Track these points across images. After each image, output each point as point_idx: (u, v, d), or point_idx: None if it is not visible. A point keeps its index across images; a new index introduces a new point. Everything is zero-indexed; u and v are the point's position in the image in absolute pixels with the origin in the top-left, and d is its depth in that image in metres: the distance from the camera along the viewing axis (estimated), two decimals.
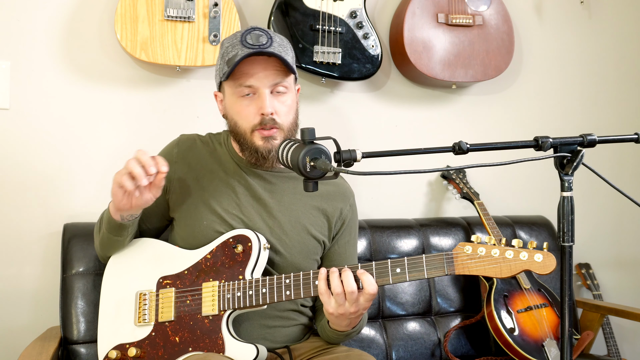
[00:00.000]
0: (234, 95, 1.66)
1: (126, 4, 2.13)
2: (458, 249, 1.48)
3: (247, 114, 1.64)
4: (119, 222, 1.65)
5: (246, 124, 1.65)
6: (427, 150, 1.33)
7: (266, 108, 1.62)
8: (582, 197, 2.49)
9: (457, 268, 1.47)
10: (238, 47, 1.62)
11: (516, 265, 1.43)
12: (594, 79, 2.86)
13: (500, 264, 1.44)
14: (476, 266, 1.46)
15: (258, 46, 1.61)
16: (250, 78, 1.62)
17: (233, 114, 1.68)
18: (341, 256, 1.81)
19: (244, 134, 1.67)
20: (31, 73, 2.18)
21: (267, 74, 1.63)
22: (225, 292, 1.60)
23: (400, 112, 2.59)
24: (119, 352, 1.64)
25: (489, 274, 1.45)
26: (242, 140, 1.68)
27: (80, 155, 2.23)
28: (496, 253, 1.44)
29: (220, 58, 1.68)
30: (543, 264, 1.41)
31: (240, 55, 1.60)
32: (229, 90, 1.67)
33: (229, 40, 1.67)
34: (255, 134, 1.65)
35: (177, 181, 1.74)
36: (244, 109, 1.65)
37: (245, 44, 1.61)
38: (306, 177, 1.34)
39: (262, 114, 1.62)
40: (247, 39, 1.62)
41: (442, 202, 2.64)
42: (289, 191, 1.75)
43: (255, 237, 1.64)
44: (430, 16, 2.45)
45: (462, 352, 2.30)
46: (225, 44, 1.67)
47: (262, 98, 1.62)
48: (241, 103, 1.65)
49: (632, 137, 1.35)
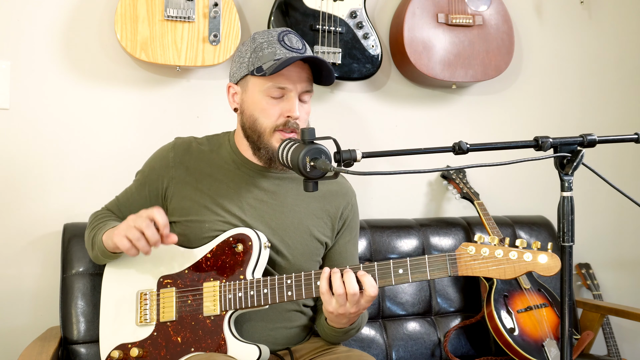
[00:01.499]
0: (262, 92, 1.64)
1: (126, 4, 2.13)
2: (461, 250, 1.46)
3: (273, 113, 1.63)
4: (116, 253, 1.67)
5: (268, 122, 1.64)
6: (427, 150, 1.34)
7: (296, 112, 1.62)
8: (582, 197, 2.49)
9: (461, 269, 1.46)
10: (276, 46, 1.62)
11: (520, 266, 1.42)
12: (594, 79, 2.86)
13: (504, 265, 1.43)
14: (479, 267, 1.44)
15: (297, 50, 1.62)
16: (287, 81, 1.62)
17: (255, 110, 1.66)
18: (342, 255, 1.81)
19: (262, 132, 1.65)
20: (31, 73, 2.18)
21: (301, 80, 1.63)
22: (227, 292, 1.60)
23: (400, 112, 2.59)
24: (121, 352, 1.64)
25: (493, 275, 1.44)
26: (257, 138, 1.66)
27: (81, 155, 2.23)
28: (500, 254, 1.43)
29: (252, 51, 1.65)
30: (547, 266, 1.40)
31: (283, 56, 1.60)
32: (257, 87, 1.65)
33: (262, 36, 1.66)
34: (275, 134, 1.64)
35: (175, 186, 1.72)
36: (270, 107, 1.63)
37: (284, 44, 1.62)
38: (306, 177, 1.34)
39: (288, 117, 1.62)
40: (286, 40, 1.63)
41: (442, 202, 2.64)
42: (291, 193, 1.74)
43: (256, 236, 1.63)
44: (430, 16, 2.45)
45: (462, 352, 2.30)
46: (258, 39, 1.66)
47: (292, 102, 1.62)
48: (268, 101, 1.64)
49: (632, 137, 1.35)
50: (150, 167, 1.77)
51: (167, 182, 1.73)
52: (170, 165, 1.74)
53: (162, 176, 1.73)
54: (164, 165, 1.74)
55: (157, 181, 1.74)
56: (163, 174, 1.73)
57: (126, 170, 2.14)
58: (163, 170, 1.74)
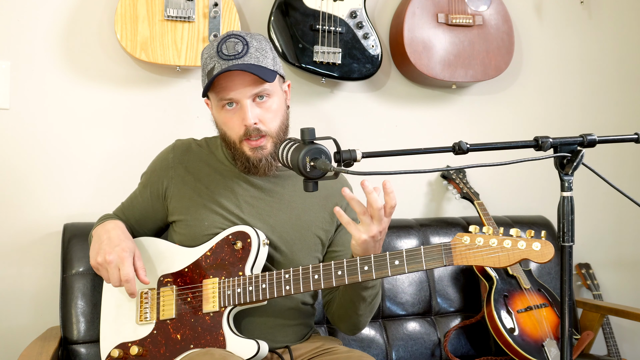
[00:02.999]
0: (218, 106, 1.66)
1: (126, 4, 2.13)
2: (456, 240, 1.47)
3: (233, 125, 1.64)
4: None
5: (233, 134, 1.65)
6: (427, 150, 1.33)
7: (248, 120, 1.61)
8: (582, 197, 2.49)
9: (456, 259, 1.46)
10: (215, 59, 1.61)
11: (514, 254, 1.42)
12: (594, 79, 2.86)
13: (498, 253, 1.43)
14: (474, 256, 1.45)
15: (233, 56, 1.60)
16: (229, 92, 1.61)
17: (221, 125, 1.69)
18: (344, 245, 1.82)
19: (233, 145, 1.67)
20: (31, 73, 2.18)
21: (245, 85, 1.60)
22: (226, 289, 1.61)
23: (400, 112, 2.59)
24: (121, 351, 1.65)
25: (488, 264, 1.44)
26: (233, 150, 1.68)
27: (81, 155, 2.23)
28: (494, 243, 1.43)
29: (202, 69, 1.67)
30: (541, 253, 1.40)
31: (216, 70, 1.59)
32: (213, 102, 1.68)
33: (207, 50, 1.66)
34: (244, 143, 1.65)
35: (175, 186, 1.74)
36: (229, 120, 1.65)
37: (221, 54, 1.60)
38: (306, 177, 1.34)
39: (245, 125, 1.62)
40: (223, 49, 1.61)
41: (442, 202, 2.64)
42: (288, 189, 1.75)
43: (254, 233, 1.64)
44: (430, 16, 2.45)
45: (462, 352, 2.30)
46: (204, 55, 1.66)
47: (244, 109, 1.61)
48: (225, 114, 1.65)
49: (632, 137, 1.35)
50: (151, 170, 1.80)
51: (167, 183, 1.74)
52: (170, 166, 1.76)
53: (162, 177, 1.76)
54: (164, 167, 1.76)
55: (158, 182, 1.76)
56: (163, 175, 1.76)
57: (126, 169, 2.15)
58: (163, 172, 1.76)
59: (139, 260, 1.62)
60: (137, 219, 1.79)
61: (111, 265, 1.57)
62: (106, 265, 1.58)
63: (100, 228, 1.71)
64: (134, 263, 1.60)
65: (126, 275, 1.56)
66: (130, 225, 1.79)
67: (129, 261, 1.57)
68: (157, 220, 1.79)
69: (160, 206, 1.76)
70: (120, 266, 1.57)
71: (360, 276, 1.52)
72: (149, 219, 1.79)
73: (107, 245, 1.61)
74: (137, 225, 1.80)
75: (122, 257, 1.57)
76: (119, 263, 1.57)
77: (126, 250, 1.59)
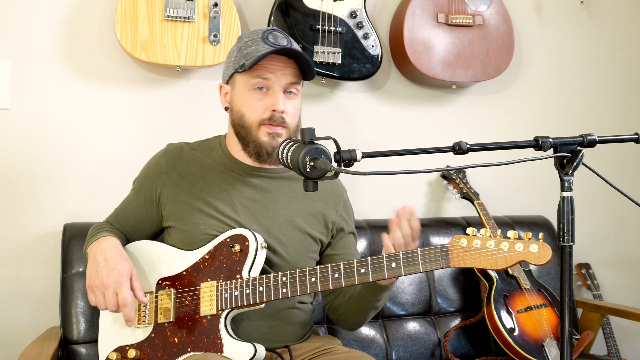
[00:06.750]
0: (247, 87, 1.67)
1: (126, 4, 2.13)
2: (453, 242, 1.46)
3: (257, 107, 1.66)
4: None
5: (254, 116, 1.66)
6: (427, 150, 1.33)
7: (279, 105, 1.64)
8: (582, 197, 2.48)
9: (453, 261, 1.46)
10: (259, 43, 1.64)
11: (512, 256, 1.41)
12: (594, 79, 2.86)
13: (495, 255, 1.42)
14: (471, 258, 1.44)
15: (281, 46, 1.64)
16: (269, 73, 1.64)
17: (241, 106, 1.69)
18: (346, 247, 1.83)
19: (249, 127, 1.67)
20: (31, 73, 2.18)
21: (285, 73, 1.65)
22: (223, 292, 1.60)
23: (400, 112, 2.59)
24: (119, 354, 1.64)
25: (485, 266, 1.43)
26: (246, 134, 1.68)
27: (81, 155, 2.23)
28: (491, 245, 1.43)
29: (237, 51, 1.69)
30: (538, 255, 1.39)
31: (264, 50, 1.62)
32: (242, 82, 1.68)
33: (248, 35, 1.69)
34: (261, 128, 1.66)
35: (169, 191, 1.74)
36: (254, 102, 1.66)
37: (267, 41, 1.64)
38: (306, 177, 1.34)
39: (273, 110, 1.65)
40: (270, 37, 1.65)
41: (442, 202, 2.64)
42: (283, 191, 1.76)
43: (252, 236, 1.64)
44: (430, 16, 2.45)
45: (462, 352, 2.30)
46: (244, 39, 1.70)
47: (276, 95, 1.65)
48: (253, 96, 1.66)
49: (632, 137, 1.35)
50: (144, 175, 1.80)
51: (161, 188, 1.74)
52: (163, 171, 1.75)
53: (155, 182, 1.75)
54: (157, 172, 1.76)
55: (151, 188, 1.76)
56: (156, 180, 1.75)
57: (126, 169, 2.14)
58: (156, 177, 1.76)
59: (137, 280, 1.62)
60: (132, 225, 1.79)
61: (108, 289, 1.57)
62: (103, 289, 1.58)
63: (96, 247, 1.68)
64: (132, 284, 1.60)
65: (124, 300, 1.56)
66: (125, 232, 1.79)
67: (126, 285, 1.58)
68: (152, 225, 1.79)
69: (155, 212, 1.76)
70: (118, 291, 1.57)
71: (357, 279, 1.52)
72: (143, 225, 1.79)
73: (104, 268, 1.60)
74: (132, 231, 1.79)
75: (119, 282, 1.57)
76: (117, 287, 1.57)
77: (123, 275, 1.59)
